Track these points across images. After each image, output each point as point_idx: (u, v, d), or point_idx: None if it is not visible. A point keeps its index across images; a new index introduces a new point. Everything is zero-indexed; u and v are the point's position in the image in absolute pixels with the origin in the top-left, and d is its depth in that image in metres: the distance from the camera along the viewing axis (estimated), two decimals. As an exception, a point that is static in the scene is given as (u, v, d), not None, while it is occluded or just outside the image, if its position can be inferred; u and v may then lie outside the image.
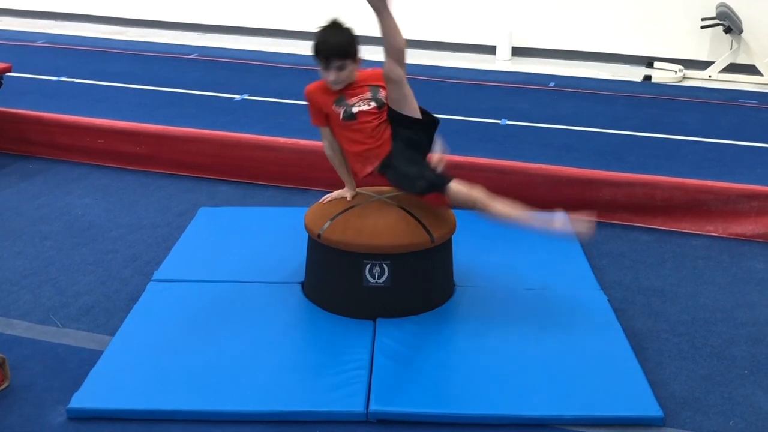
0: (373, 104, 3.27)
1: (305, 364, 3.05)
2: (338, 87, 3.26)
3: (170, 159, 5.10)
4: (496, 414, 2.77)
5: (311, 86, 3.36)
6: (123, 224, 4.33)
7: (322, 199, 3.50)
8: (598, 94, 6.64)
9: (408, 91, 3.23)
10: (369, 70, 3.38)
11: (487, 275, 3.72)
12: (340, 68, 3.21)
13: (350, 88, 3.29)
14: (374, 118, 3.27)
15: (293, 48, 7.80)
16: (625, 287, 3.77)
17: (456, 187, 3.19)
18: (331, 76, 3.22)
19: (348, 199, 3.42)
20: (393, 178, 3.31)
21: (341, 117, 3.27)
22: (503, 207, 3.22)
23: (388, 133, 3.28)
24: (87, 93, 6.11)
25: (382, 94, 3.29)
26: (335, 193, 3.48)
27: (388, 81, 3.19)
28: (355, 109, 3.26)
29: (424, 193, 3.26)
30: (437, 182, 3.21)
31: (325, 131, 3.39)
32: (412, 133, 3.27)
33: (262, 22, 8.67)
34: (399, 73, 3.14)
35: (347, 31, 3.26)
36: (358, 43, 3.26)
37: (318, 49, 3.22)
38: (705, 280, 3.88)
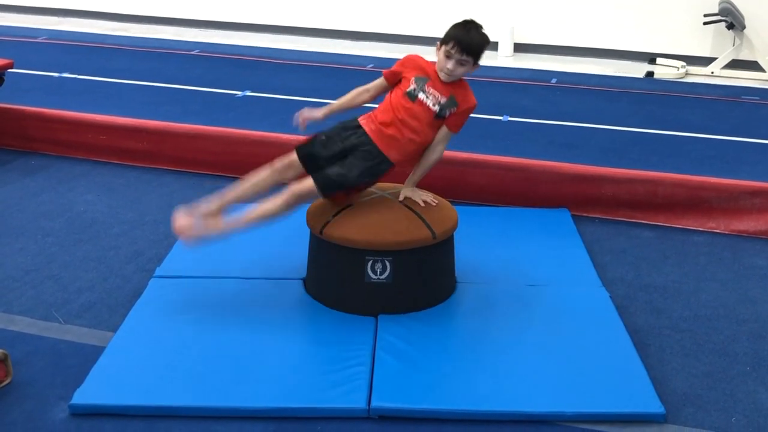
0: (436, 108, 3.29)
1: (307, 361, 3.05)
2: (446, 78, 3.28)
3: (173, 155, 5.10)
4: (498, 410, 2.77)
5: (418, 56, 3.42)
6: (125, 221, 4.33)
7: (299, 116, 3.45)
8: (600, 90, 6.63)
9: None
10: (468, 90, 3.39)
11: (489, 272, 3.72)
12: (463, 64, 3.24)
13: (439, 84, 3.30)
14: (424, 115, 3.28)
15: (296, 44, 7.81)
16: (627, 284, 3.77)
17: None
18: (450, 64, 3.24)
19: (317, 115, 3.43)
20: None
21: (406, 90, 3.30)
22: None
23: (418, 143, 3.32)
24: (90, 89, 6.12)
25: (449, 110, 3.30)
26: (305, 111, 3.46)
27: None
28: (421, 96, 3.28)
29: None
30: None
31: (380, 83, 3.43)
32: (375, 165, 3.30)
33: (265, 18, 8.67)
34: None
35: (486, 36, 3.31)
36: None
37: (459, 39, 3.23)
38: (707, 277, 3.87)
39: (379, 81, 3.45)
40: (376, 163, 3.28)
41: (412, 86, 3.29)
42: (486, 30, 3.34)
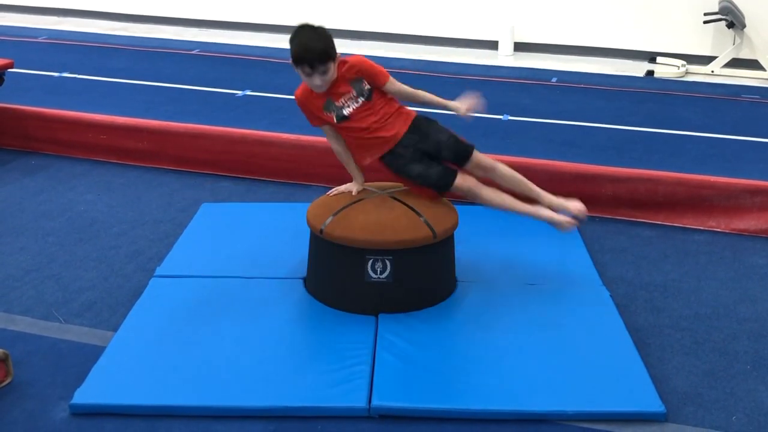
0: (361, 99, 3.28)
1: (307, 360, 3.05)
2: (324, 89, 3.22)
3: (173, 155, 5.10)
4: (498, 409, 2.77)
5: (299, 93, 3.33)
6: (125, 220, 4.33)
7: (329, 192, 3.51)
8: (600, 89, 6.63)
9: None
10: (347, 59, 3.30)
11: (489, 270, 3.72)
12: (324, 72, 3.15)
13: (333, 89, 3.25)
14: (368, 113, 3.29)
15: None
16: (628, 282, 3.77)
17: (458, 183, 3.34)
18: (317, 80, 3.17)
19: (354, 193, 3.43)
20: (395, 169, 3.38)
21: (335, 120, 3.30)
22: (495, 196, 3.45)
23: (389, 124, 3.32)
24: (89, 89, 6.12)
25: (365, 85, 3.28)
26: (342, 187, 3.49)
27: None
28: (345, 111, 3.27)
29: (423, 186, 3.36)
30: (441, 183, 3.35)
31: (327, 129, 3.41)
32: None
33: (264, 18, 8.67)
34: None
35: (323, 32, 3.18)
36: (333, 41, 3.19)
37: (301, 57, 3.13)
38: (707, 276, 3.87)
39: (325, 130, 3.41)
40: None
41: (332, 115, 3.28)
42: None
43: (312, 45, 3.12)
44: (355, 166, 3.47)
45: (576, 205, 3.55)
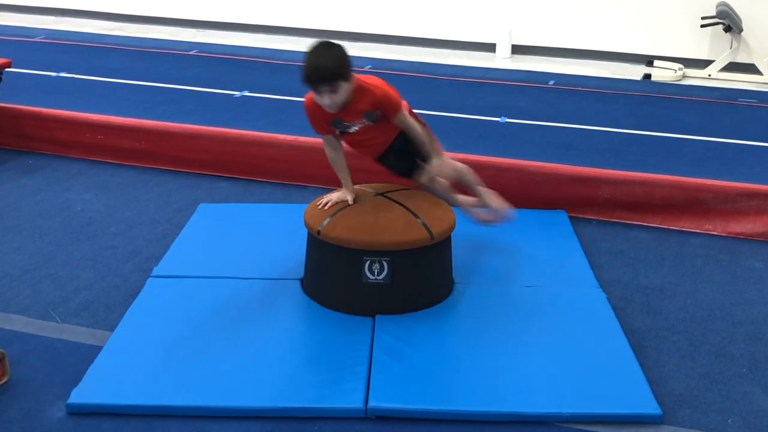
0: (369, 123, 3.29)
1: (304, 361, 3.05)
2: (334, 110, 3.16)
3: (170, 155, 5.10)
4: (495, 411, 2.77)
5: (309, 102, 3.23)
6: (122, 220, 4.33)
7: (320, 203, 3.41)
8: (598, 92, 6.64)
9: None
10: (368, 84, 3.21)
11: (486, 272, 3.72)
12: (333, 91, 3.06)
13: (345, 113, 3.20)
14: (374, 132, 3.35)
15: (293, 45, 7.80)
16: (624, 285, 3.78)
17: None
18: (325, 100, 3.09)
19: (350, 201, 3.40)
20: (385, 163, 3.54)
21: (338, 132, 3.34)
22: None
23: (389, 134, 3.40)
24: (86, 89, 6.11)
25: (378, 115, 3.27)
26: (335, 197, 3.41)
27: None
28: (352, 130, 3.31)
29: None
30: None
31: (327, 137, 3.40)
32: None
33: (262, 18, 8.67)
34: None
35: (337, 51, 3.08)
36: (349, 61, 3.10)
37: (307, 75, 3.05)
38: (704, 279, 3.88)
39: (324, 138, 3.40)
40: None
41: (338, 129, 3.31)
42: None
43: (321, 64, 3.03)
44: (347, 175, 3.44)
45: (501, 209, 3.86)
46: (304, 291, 3.49)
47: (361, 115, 3.23)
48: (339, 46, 3.11)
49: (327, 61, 3.04)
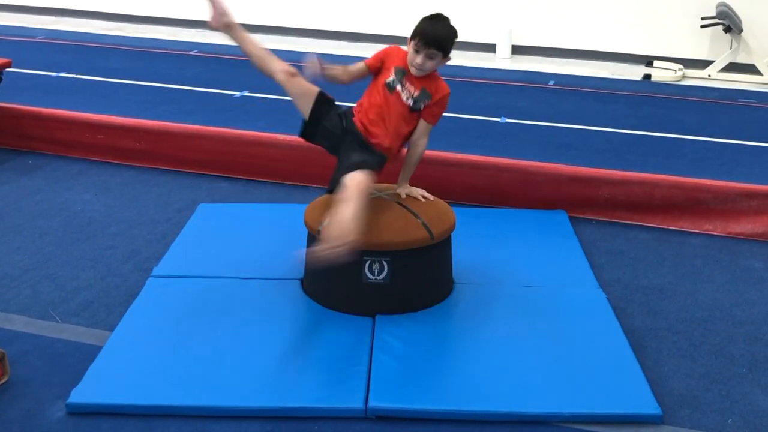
0: (410, 102, 3.32)
1: (304, 361, 3.05)
2: (417, 72, 3.31)
3: (170, 155, 5.10)
4: (495, 411, 2.77)
5: (397, 48, 3.42)
6: (122, 220, 4.33)
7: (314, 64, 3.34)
8: (597, 92, 6.65)
9: None
10: (441, 78, 3.43)
11: (486, 273, 3.72)
12: (431, 57, 3.27)
13: (413, 78, 3.32)
14: (399, 108, 3.33)
15: (293, 45, 7.80)
16: (624, 285, 3.78)
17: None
18: (419, 59, 3.27)
19: (326, 73, 3.35)
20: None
21: (386, 81, 3.34)
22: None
23: (407, 127, 3.38)
24: (86, 89, 6.11)
25: (425, 102, 3.35)
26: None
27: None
28: (399, 87, 3.32)
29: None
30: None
31: (361, 68, 3.41)
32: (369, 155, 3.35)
33: (261, 19, 8.66)
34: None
35: (453, 29, 3.35)
36: (455, 45, 3.34)
37: (424, 33, 3.26)
38: (704, 279, 3.88)
39: (360, 67, 3.43)
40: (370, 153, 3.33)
41: (392, 77, 3.34)
42: (456, 24, 3.38)
43: (439, 29, 3.29)
44: (337, 76, 3.39)
45: None
46: (304, 291, 3.49)
47: (419, 89, 3.32)
48: (455, 28, 3.39)
49: (445, 32, 3.31)
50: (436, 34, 3.27)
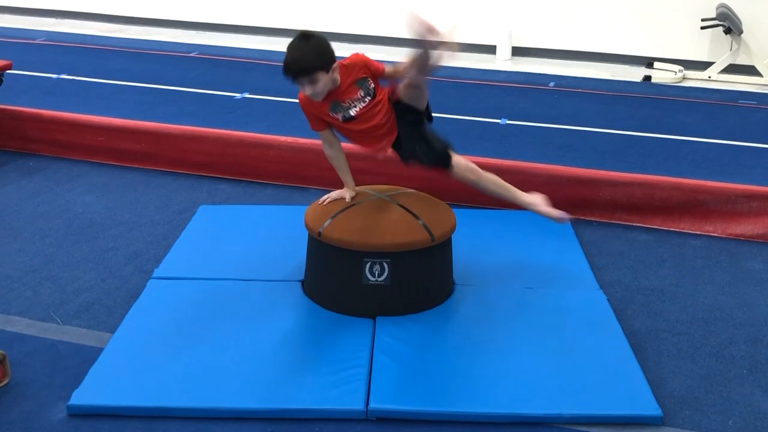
0: (367, 99, 3.25)
1: (305, 362, 3.05)
2: (320, 98, 3.17)
3: (170, 157, 5.10)
4: (495, 412, 2.77)
5: (302, 95, 3.25)
6: (123, 222, 4.33)
7: (321, 200, 3.47)
8: (598, 94, 6.64)
9: (427, 91, 3.32)
10: (348, 61, 3.24)
11: (487, 274, 3.72)
12: (313, 81, 3.09)
13: (339, 92, 3.21)
14: (374, 111, 3.27)
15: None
16: (624, 287, 3.78)
17: (457, 161, 3.40)
18: (307, 90, 3.13)
19: (347, 200, 3.42)
20: (405, 156, 3.42)
21: (341, 120, 3.28)
22: (494, 183, 3.55)
23: (391, 115, 3.32)
24: (87, 90, 6.12)
25: (370, 83, 3.26)
26: (335, 194, 3.46)
27: (411, 87, 3.23)
28: (352, 112, 3.25)
29: (431, 167, 3.42)
30: (443, 159, 3.38)
31: (325, 134, 3.39)
32: (415, 116, 3.34)
33: (262, 20, 8.67)
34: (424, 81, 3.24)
35: (313, 42, 3.10)
36: (329, 51, 3.12)
37: (284, 68, 3.10)
38: (704, 280, 3.88)
39: (322, 135, 3.40)
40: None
41: (339, 116, 3.26)
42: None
43: (297, 57, 3.08)
44: (346, 171, 3.45)
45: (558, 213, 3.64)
46: (305, 292, 3.50)
47: (356, 88, 3.22)
48: (316, 38, 3.13)
49: (303, 54, 3.07)
50: (295, 63, 3.07)
